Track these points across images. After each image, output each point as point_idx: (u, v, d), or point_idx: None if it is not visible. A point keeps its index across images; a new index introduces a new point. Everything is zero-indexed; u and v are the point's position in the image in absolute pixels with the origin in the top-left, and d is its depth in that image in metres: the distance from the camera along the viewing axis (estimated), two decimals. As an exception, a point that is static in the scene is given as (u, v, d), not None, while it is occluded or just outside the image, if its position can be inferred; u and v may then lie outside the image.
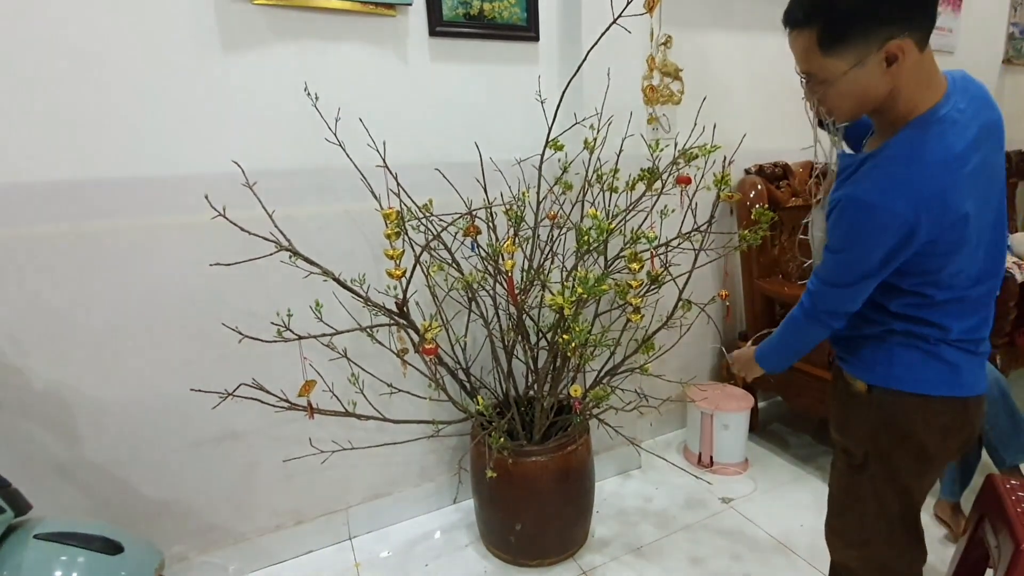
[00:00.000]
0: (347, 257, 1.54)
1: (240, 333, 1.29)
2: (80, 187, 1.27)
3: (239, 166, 1.25)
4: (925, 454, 0.92)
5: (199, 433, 1.50)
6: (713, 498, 1.86)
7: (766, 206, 2.06)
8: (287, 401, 1.35)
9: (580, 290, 1.08)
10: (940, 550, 1.56)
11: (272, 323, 1.32)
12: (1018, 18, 2.68)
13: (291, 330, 1.22)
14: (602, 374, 1.54)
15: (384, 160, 1.33)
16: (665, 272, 1.40)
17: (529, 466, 1.47)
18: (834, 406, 1.05)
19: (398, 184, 1.37)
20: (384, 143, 1.38)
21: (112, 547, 1.03)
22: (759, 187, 2.03)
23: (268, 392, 1.35)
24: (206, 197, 1.20)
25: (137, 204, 1.32)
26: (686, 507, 1.83)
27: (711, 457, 2.01)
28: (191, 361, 1.44)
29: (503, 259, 1.29)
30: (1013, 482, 1.13)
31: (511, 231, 1.37)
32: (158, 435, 1.45)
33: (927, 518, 1.65)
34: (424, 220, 1.38)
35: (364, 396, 1.56)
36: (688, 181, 1.33)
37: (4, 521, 0.96)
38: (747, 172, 2.09)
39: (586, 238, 1.18)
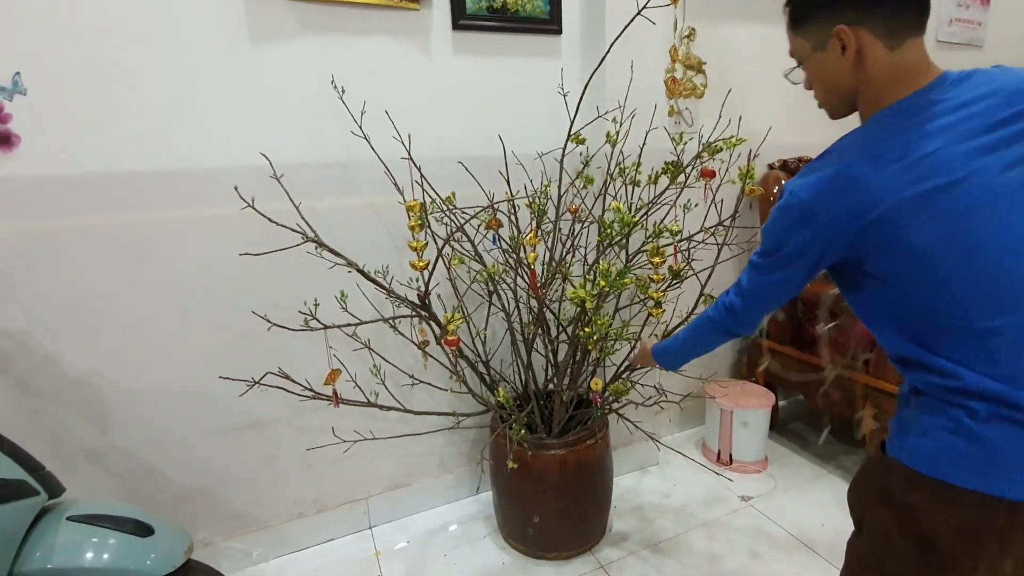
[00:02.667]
0: (369, 249, 1.55)
1: (268, 321, 1.31)
2: (111, 180, 1.30)
3: (267, 159, 1.27)
4: (936, 553, 0.72)
5: (224, 421, 1.53)
6: (732, 495, 1.85)
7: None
8: (311, 390, 1.37)
9: (603, 283, 1.08)
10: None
11: (300, 312, 1.34)
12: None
13: (317, 319, 1.24)
14: (622, 369, 1.53)
15: (409, 153, 1.34)
16: (687, 267, 1.39)
17: (548, 459, 1.47)
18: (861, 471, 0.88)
19: (422, 176, 1.38)
20: (408, 136, 1.39)
21: (143, 529, 1.05)
22: (783, 182, 2.01)
23: (293, 381, 1.38)
24: (235, 189, 1.22)
25: (166, 196, 1.35)
26: (704, 504, 1.82)
27: (730, 455, 2.00)
28: (217, 350, 1.47)
29: (525, 251, 1.30)
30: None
31: (533, 224, 1.37)
32: (185, 422, 1.48)
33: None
34: (447, 212, 1.39)
35: (386, 387, 1.57)
36: (713, 175, 1.32)
37: (38, 503, 0.99)
38: (770, 167, 2.06)
39: (609, 231, 1.18)
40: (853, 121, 0.81)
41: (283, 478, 1.64)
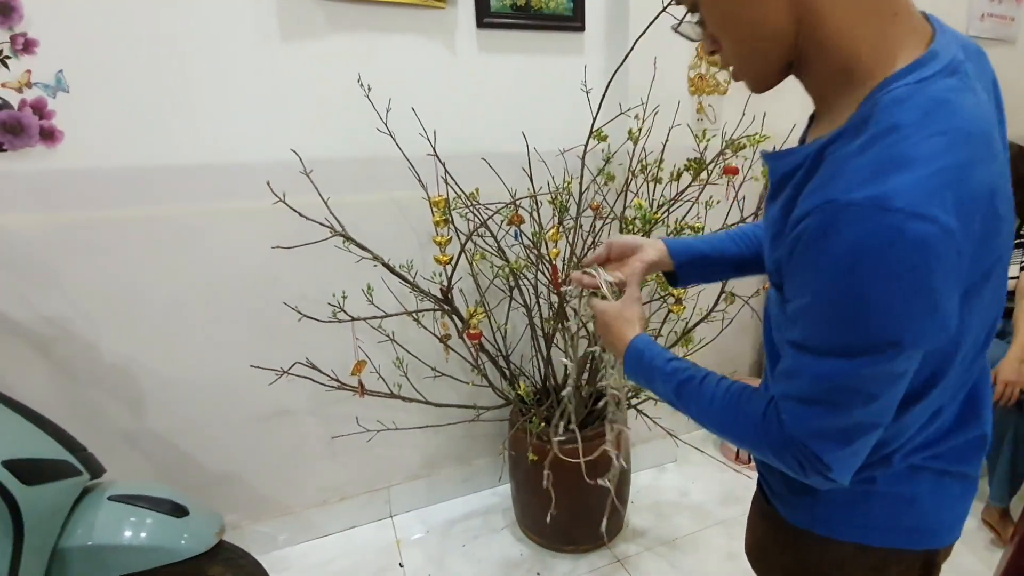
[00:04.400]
0: (392, 244, 1.57)
1: (299, 312, 1.35)
2: (148, 173, 1.34)
3: (297, 155, 1.30)
4: None
5: (252, 409, 1.58)
6: (751, 494, 1.84)
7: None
8: (337, 380, 1.41)
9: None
10: (987, 556, 1.51)
11: (329, 304, 1.38)
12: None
13: (345, 311, 1.27)
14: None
15: (434, 149, 1.37)
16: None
17: (568, 453, 1.49)
18: (750, 518, 0.77)
19: (447, 172, 1.40)
20: (434, 132, 1.41)
21: (179, 510, 1.10)
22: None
23: (320, 371, 1.41)
24: (268, 184, 1.26)
25: (199, 190, 1.40)
26: (723, 502, 1.82)
27: (748, 453, 1.99)
28: (246, 340, 1.52)
29: (547, 247, 1.31)
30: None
31: (555, 220, 1.39)
32: (215, 409, 1.53)
33: (974, 523, 1.60)
34: (472, 208, 1.41)
35: (408, 379, 1.60)
36: (735, 172, 1.31)
37: (81, 483, 1.04)
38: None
39: (631, 227, 1.18)
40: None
41: (307, 465, 1.69)
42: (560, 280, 1.28)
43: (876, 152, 0.43)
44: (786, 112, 1.78)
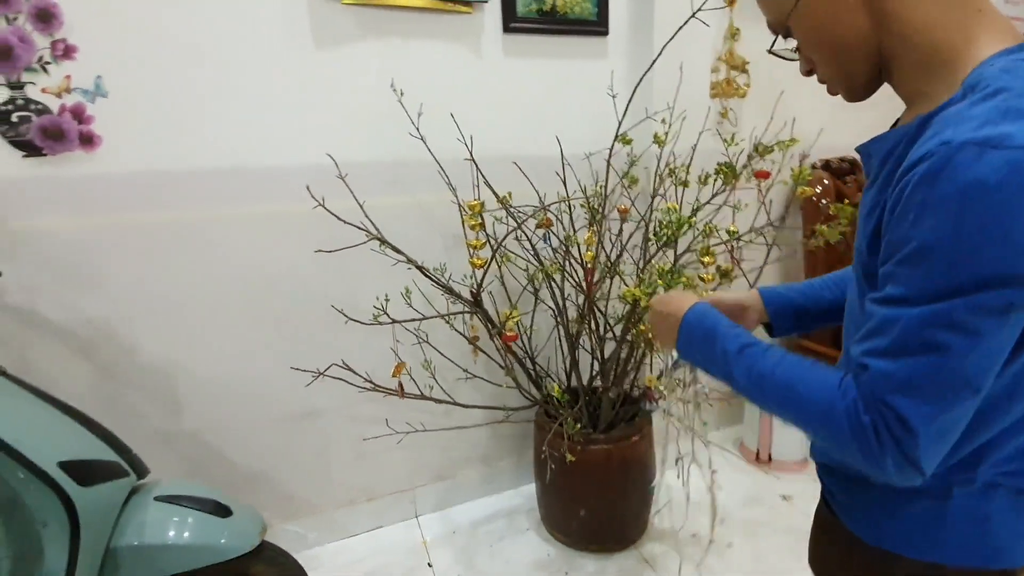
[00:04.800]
0: (419, 247, 1.59)
1: (345, 315, 1.38)
2: (185, 177, 1.37)
3: (332, 159, 1.32)
4: None
5: (283, 410, 1.59)
6: (773, 495, 1.86)
7: (833, 201, 2.03)
8: (371, 382, 1.43)
9: (661, 282, 1.11)
10: None
11: (359, 307, 1.40)
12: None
13: (387, 314, 1.29)
14: (670, 366, 1.56)
15: (471, 153, 1.39)
16: (735, 267, 1.41)
17: (596, 454, 1.51)
18: (813, 529, 0.77)
19: (483, 177, 1.42)
20: (471, 137, 1.43)
21: (223, 510, 1.12)
22: (826, 182, 2.00)
23: (356, 373, 1.43)
24: (308, 188, 1.28)
25: (232, 193, 1.42)
26: (745, 503, 1.83)
27: (769, 454, 2.01)
28: (278, 342, 1.54)
29: (579, 250, 1.33)
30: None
31: (589, 223, 1.40)
32: (248, 410, 1.55)
33: None
34: (508, 211, 1.43)
35: (436, 381, 1.62)
36: (767, 176, 1.33)
37: (129, 483, 1.06)
38: (813, 167, 2.06)
39: (666, 231, 1.20)
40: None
41: (336, 466, 1.71)
42: (593, 281, 1.30)
43: (987, 106, 0.44)
44: (805, 116, 1.80)
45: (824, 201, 2.02)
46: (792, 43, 0.62)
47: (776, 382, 0.56)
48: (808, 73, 0.62)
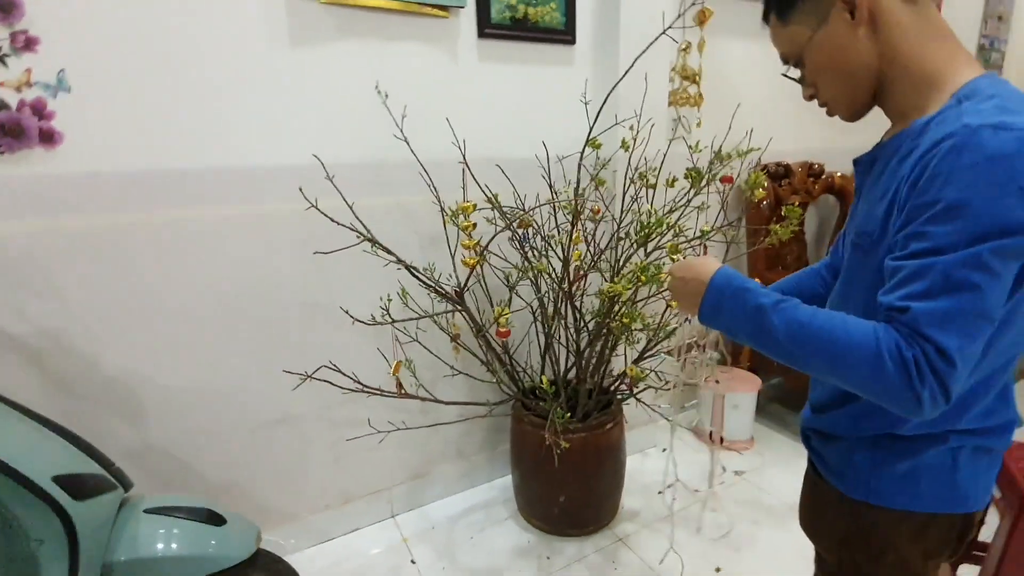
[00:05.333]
0: (399, 247, 1.61)
1: (351, 316, 1.40)
2: (153, 177, 1.31)
3: (319, 159, 1.31)
4: (909, 573, 0.75)
5: (257, 417, 1.56)
6: (727, 472, 2.03)
7: (772, 203, 2.23)
8: (359, 383, 1.43)
9: (644, 278, 1.20)
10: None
11: (341, 308, 1.39)
12: (989, 31, 2.92)
13: (389, 314, 1.30)
14: (641, 357, 1.66)
15: (464, 156, 1.42)
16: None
17: (574, 442, 1.58)
18: (803, 493, 0.87)
19: (473, 178, 1.46)
20: (464, 141, 1.46)
21: (216, 519, 1.10)
22: (766, 185, 2.19)
23: (344, 374, 1.43)
24: (300, 190, 1.27)
25: (207, 194, 1.37)
26: (704, 480, 1.98)
27: (721, 436, 2.18)
28: (252, 348, 1.50)
29: (564, 249, 1.40)
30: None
31: (572, 224, 1.47)
32: (220, 418, 1.50)
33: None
34: (501, 212, 1.47)
35: (416, 379, 1.64)
36: (731, 180, 1.46)
37: (119, 497, 1.02)
38: (749, 173, 2.25)
39: (645, 230, 1.30)
40: (863, 133, 0.86)
41: (312, 471, 1.68)
42: (579, 276, 1.38)
43: (988, 105, 0.57)
44: (742, 124, 1.96)
45: (765, 203, 2.22)
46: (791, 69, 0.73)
47: (816, 329, 0.60)
48: (810, 98, 0.74)
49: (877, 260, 0.65)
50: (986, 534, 1.33)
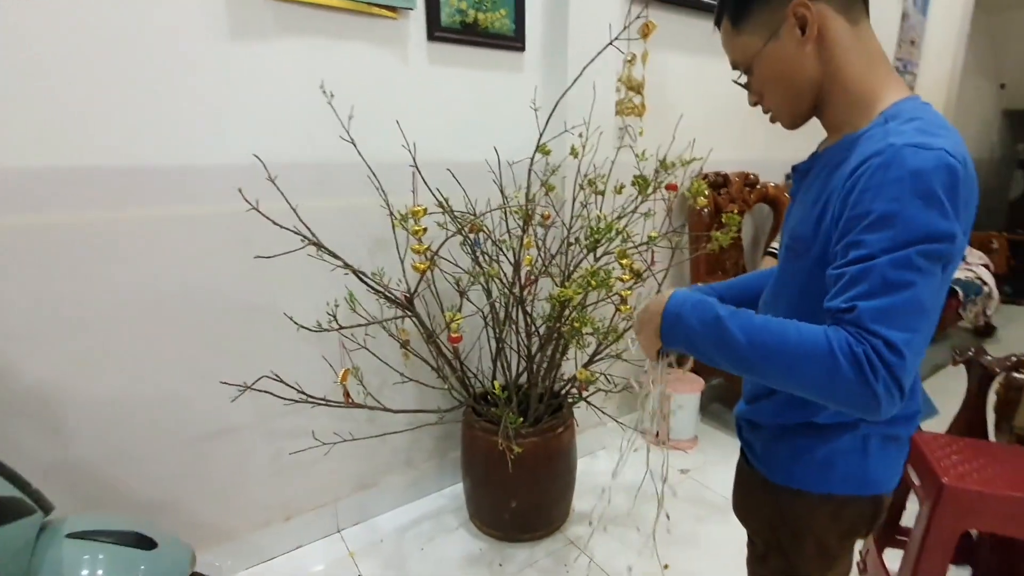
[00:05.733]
0: (346, 252, 1.56)
1: (296, 323, 1.33)
2: (79, 175, 1.21)
3: (260, 160, 1.25)
4: (828, 552, 0.81)
5: (189, 430, 1.46)
6: (673, 470, 2.09)
7: (712, 211, 2.33)
8: (303, 393, 1.37)
9: (594, 283, 1.22)
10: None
11: (285, 314, 1.33)
12: (902, 54, 3.19)
13: (337, 320, 1.25)
14: (592, 360, 1.69)
15: (415, 160, 1.40)
16: (648, 269, 1.58)
17: (526, 446, 1.58)
18: (735, 481, 0.93)
19: (424, 182, 1.43)
20: (414, 144, 1.43)
21: (146, 542, 1.02)
22: (707, 193, 2.29)
23: (287, 384, 1.37)
24: (239, 191, 1.20)
25: (134, 194, 1.28)
26: (651, 479, 2.03)
27: (667, 435, 2.24)
28: (186, 357, 1.41)
29: (516, 253, 1.40)
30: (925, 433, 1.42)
31: (523, 228, 1.48)
32: (150, 432, 1.40)
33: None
34: (452, 216, 1.45)
35: (363, 386, 1.59)
36: (675, 188, 1.51)
37: (37, 521, 0.93)
38: (692, 181, 2.34)
39: (596, 235, 1.32)
40: (802, 140, 0.91)
41: (251, 486, 1.60)
42: (531, 281, 1.38)
43: (911, 126, 0.62)
44: (683, 134, 2.05)
45: (706, 210, 2.31)
46: (738, 75, 0.77)
47: (772, 334, 0.62)
48: (755, 104, 0.77)
49: (808, 263, 0.70)
50: (908, 521, 1.43)
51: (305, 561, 1.66)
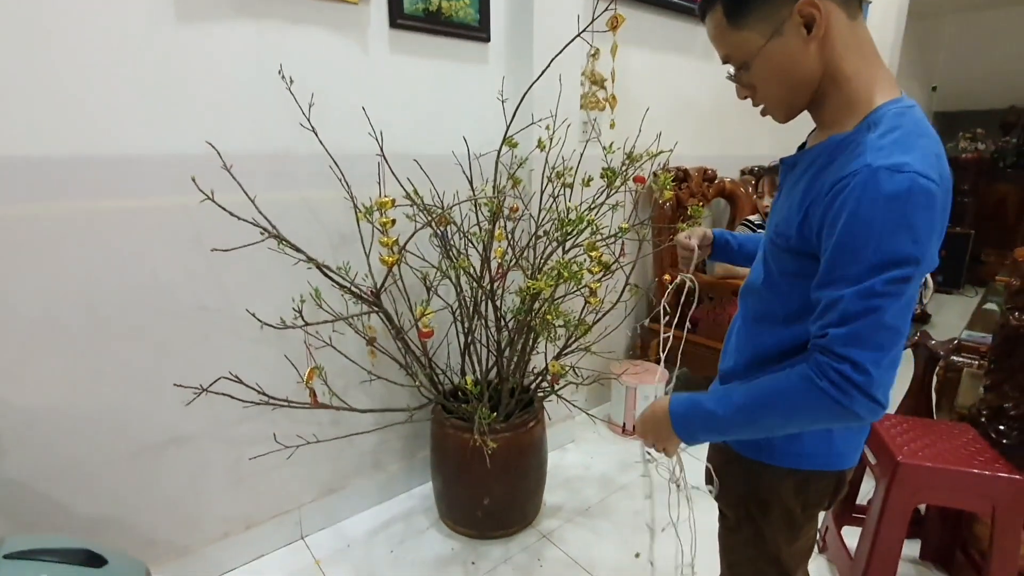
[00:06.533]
0: (308, 245, 1.49)
1: (259, 320, 1.27)
2: (7, 166, 1.10)
3: (214, 148, 1.18)
4: (794, 523, 0.86)
5: (138, 440, 1.37)
6: (640, 460, 2.12)
7: (675, 204, 2.37)
8: (264, 395, 1.30)
9: (566, 275, 1.21)
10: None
11: (247, 310, 1.26)
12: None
13: (303, 317, 1.19)
14: (561, 354, 1.68)
15: (382, 150, 1.34)
16: (616, 261, 1.58)
17: (499, 442, 1.56)
18: (709, 456, 0.97)
19: (392, 173, 1.38)
20: (380, 133, 1.38)
21: (96, 560, 0.94)
22: (671, 186, 2.33)
23: (247, 385, 1.29)
24: (193, 180, 1.12)
25: (72, 186, 1.18)
26: (620, 470, 2.05)
27: (635, 426, 2.27)
28: (133, 360, 1.32)
29: (486, 246, 1.37)
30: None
31: (491, 221, 1.45)
32: (90, 445, 1.30)
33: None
34: (421, 208, 1.41)
35: (328, 386, 1.53)
36: (643, 180, 1.52)
37: (-38, 545, 0.84)
38: (655, 175, 2.38)
39: (567, 227, 1.31)
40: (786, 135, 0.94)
41: (208, 497, 1.51)
42: (501, 274, 1.36)
43: (891, 139, 0.63)
44: (646, 129, 2.07)
45: (668, 204, 2.35)
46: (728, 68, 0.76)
47: (766, 396, 0.70)
48: (745, 98, 0.77)
49: (790, 255, 0.74)
50: (863, 500, 1.49)
51: (267, 571, 1.58)
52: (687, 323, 1.12)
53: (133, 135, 1.22)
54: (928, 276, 3.40)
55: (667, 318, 1.07)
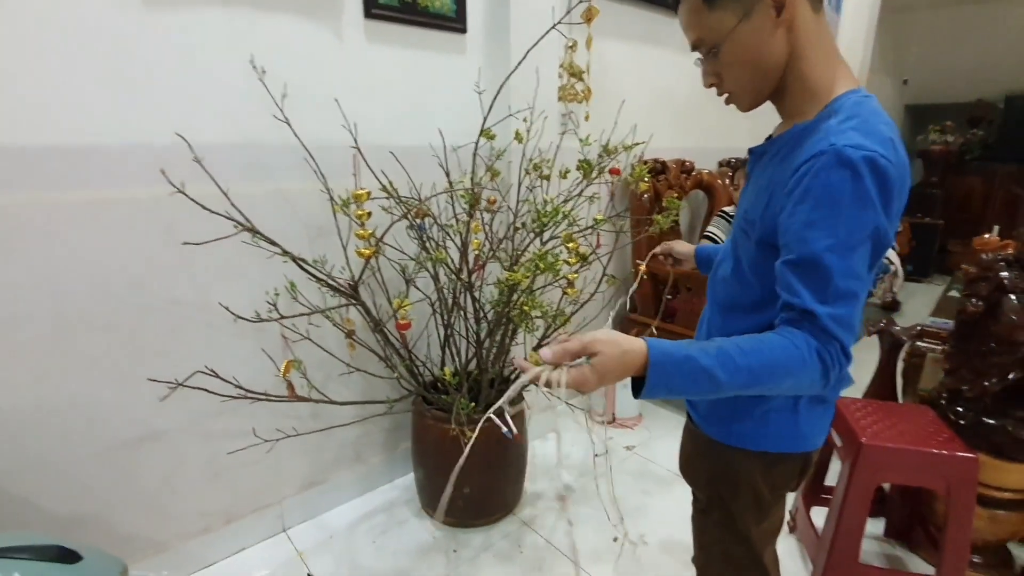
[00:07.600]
0: (284, 238, 1.48)
1: (232, 313, 1.25)
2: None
3: (184, 138, 1.16)
4: (762, 504, 0.88)
5: (112, 436, 1.35)
6: (619, 447, 2.16)
7: (652, 196, 2.40)
8: (241, 389, 1.29)
9: (543, 266, 1.22)
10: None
11: (221, 304, 1.25)
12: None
13: (278, 310, 1.18)
14: (540, 344, 1.70)
15: (356, 141, 1.33)
16: (594, 252, 1.60)
17: (480, 432, 1.58)
18: (682, 442, 1.01)
19: (367, 164, 1.38)
20: (355, 125, 1.37)
21: (70, 556, 0.93)
22: (647, 178, 2.35)
23: (223, 379, 1.29)
24: (162, 171, 1.10)
25: (39, 176, 1.15)
26: (599, 458, 2.09)
27: (613, 414, 2.31)
28: (99, 357, 1.29)
29: (463, 238, 1.38)
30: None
31: (468, 213, 1.46)
32: (62, 441, 1.28)
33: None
34: (398, 200, 1.41)
35: (307, 379, 1.53)
36: (618, 172, 1.54)
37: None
38: (632, 167, 2.40)
39: (544, 219, 1.32)
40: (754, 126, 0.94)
41: (186, 491, 1.50)
42: (479, 266, 1.37)
43: (852, 124, 0.66)
44: (624, 121, 2.09)
45: (646, 196, 2.38)
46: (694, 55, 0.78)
47: (756, 366, 0.64)
48: (710, 86, 0.78)
49: (757, 246, 0.76)
50: (831, 481, 1.55)
51: (249, 564, 1.58)
52: (659, 313, 1.14)
53: (99, 125, 1.19)
54: (899, 266, 3.50)
55: (639, 310, 1.09)
